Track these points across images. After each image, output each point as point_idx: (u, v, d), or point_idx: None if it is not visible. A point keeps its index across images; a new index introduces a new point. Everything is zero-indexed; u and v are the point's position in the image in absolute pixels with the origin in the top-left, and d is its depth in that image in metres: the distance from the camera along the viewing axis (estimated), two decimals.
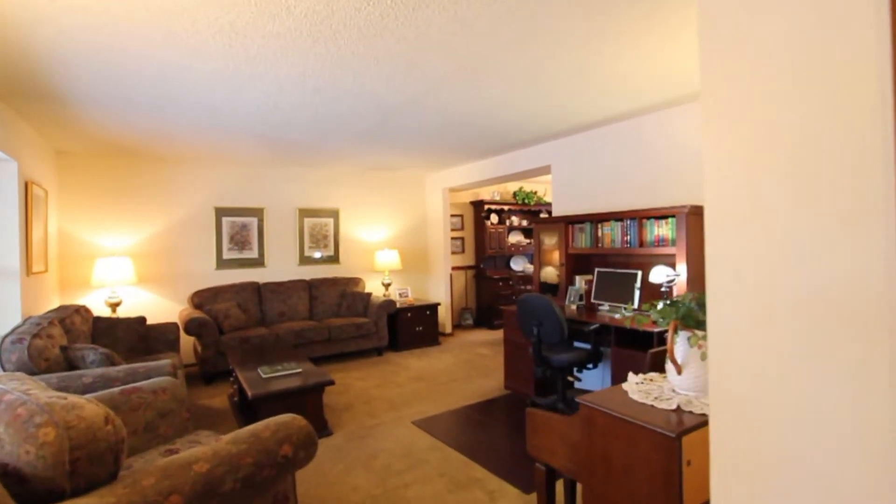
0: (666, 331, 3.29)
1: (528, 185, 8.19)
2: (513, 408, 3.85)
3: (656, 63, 2.74)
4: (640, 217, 3.66)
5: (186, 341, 5.11)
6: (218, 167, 5.48)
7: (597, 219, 3.99)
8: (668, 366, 1.47)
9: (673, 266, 3.42)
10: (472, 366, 5.14)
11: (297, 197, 6.02)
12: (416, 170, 6.61)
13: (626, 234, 3.79)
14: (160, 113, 3.45)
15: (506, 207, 7.71)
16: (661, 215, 3.53)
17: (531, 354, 3.59)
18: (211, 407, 4.00)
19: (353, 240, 6.46)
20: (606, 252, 3.96)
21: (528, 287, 7.61)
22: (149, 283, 5.07)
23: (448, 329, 6.83)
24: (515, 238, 8.02)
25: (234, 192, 5.59)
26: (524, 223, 8.02)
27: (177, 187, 5.25)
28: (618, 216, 3.81)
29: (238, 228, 5.60)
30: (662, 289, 3.34)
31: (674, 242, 3.44)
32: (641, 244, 3.67)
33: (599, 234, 4.02)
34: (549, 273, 4.67)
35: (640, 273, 3.64)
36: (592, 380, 4.16)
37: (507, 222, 7.74)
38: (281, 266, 5.89)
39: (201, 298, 5.08)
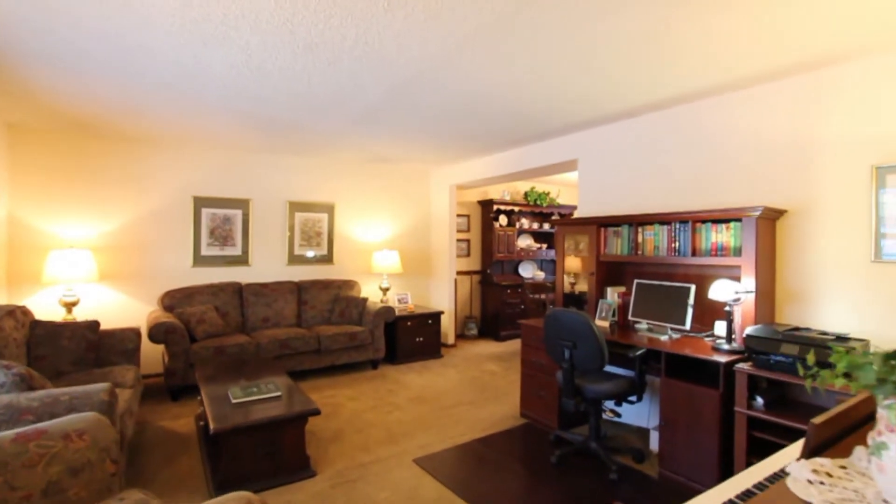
0: (742, 357, 2.73)
1: (540, 185, 7.60)
2: (533, 443, 3.23)
3: (767, 25, 2.14)
4: (693, 220, 3.06)
5: (155, 349, 4.47)
6: (198, 151, 4.85)
7: (637, 221, 3.39)
8: (881, 463, 0.86)
9: (736, 280, 2.82)
10: (481, 385, 4.52)
11: (288, 189, 5.39)
12: (421, 163, 6.00)
13: (675, 241, 3.18)
14: (118, 77, 2.82)
15: (516, 208, 7.11)
16: (720, 218, 2.92)
17: (559, 381, 2.98)
18: (173, 431, 3.36)
19: (349, 238, 5.83)
20: (647, 261, 3.35)
21: (542, 296, 7.02)
22: (113, 281, 4.43)
23: (451, 340, 6.20)
24: (525, 242, 7.42)
25: (216, 180, 4.95)
26: (535, 226, 7.42)
27: (150, 172, 4.61)
28: (664, 219, 3.21)
29: (219, 222, 4.96)
30: (726, 308, 2.73)
31: (737, 251, 2.84)
32: (694, 252, 3.06)
33: (640, 239, 3.41)
34: (565, 283, 4.07)
35: (693, 287, 3.04)
36: (634, 414, 3.55)
37: (517, 224, 7.14)
38: (267, 265, 5.26)
39: (173, 300, 4.43)
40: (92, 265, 4.08)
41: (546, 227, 7.49)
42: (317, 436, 3.28)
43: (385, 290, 5.68)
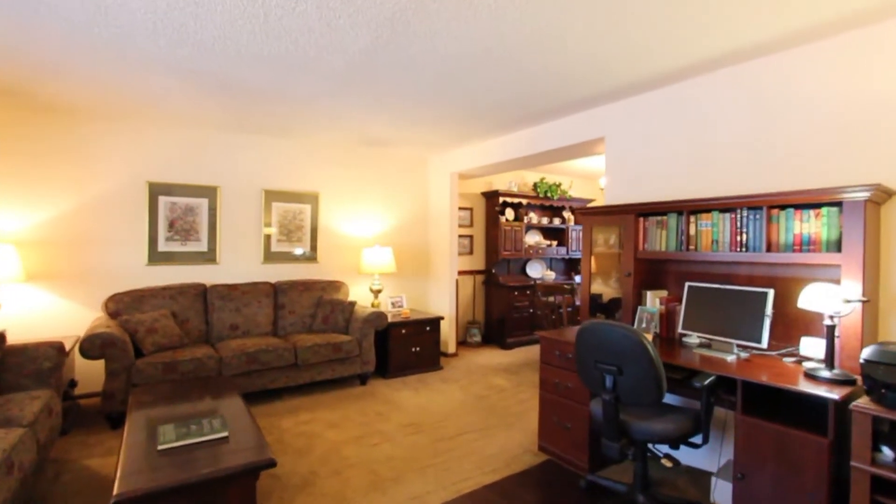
0: (853, 389, 1.69)
1: (550, 176, 6.90)
2: (560, 491, 2.52)
3: None
4: (768, 206, 2.36)
5: (98, 362, 3.75)
6: (154, 129, 4.11)
7: (690, 208, 2.68)
8: None
9: (830, 283, 2.12)
10: (487, 405, 3.81)
11: (264, 175, 4.67)
12: (418, 147, 5.28)
13: (741, 233, 2.48)
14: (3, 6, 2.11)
15: (524, 201, 6.39)
16: (808, 203, 2.22)
17: (595, 415, 2.28)
18: (99, 474, 2.64)
19: (335, 233, 5.11)
20: (701, 258, 2.64)
21: (554, 299, 6.23)
22: (47, 282, 3.70)
23: (451, 348, 5.49)
24: (533, 239, 6.71)
25: (177, 163, 4.23)
26: (544, 221, 6.71)
27: (94, 153, 3.88)
28: (727, 204, 2.50)
29: (181, 212, 4.24)
30: (828, 321, 2.03)
31: (832, 246, 2.14)
32: (770, 247, 2.36)
33: (692, 231, 2.71)
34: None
35: (771, 293, 2.33)
36: (697, 455, 2.84)
37: (525, 219, 6.42)
38: (239, 264, 4.54)
39: (119, 305, 3.71)
40: (16, 263, 3.36)
41: (556, 222, 6.79)
42: (281, 480, 2.57)
43: (377, 293, 4.97)
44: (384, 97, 3.38)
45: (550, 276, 6.70)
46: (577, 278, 6.04)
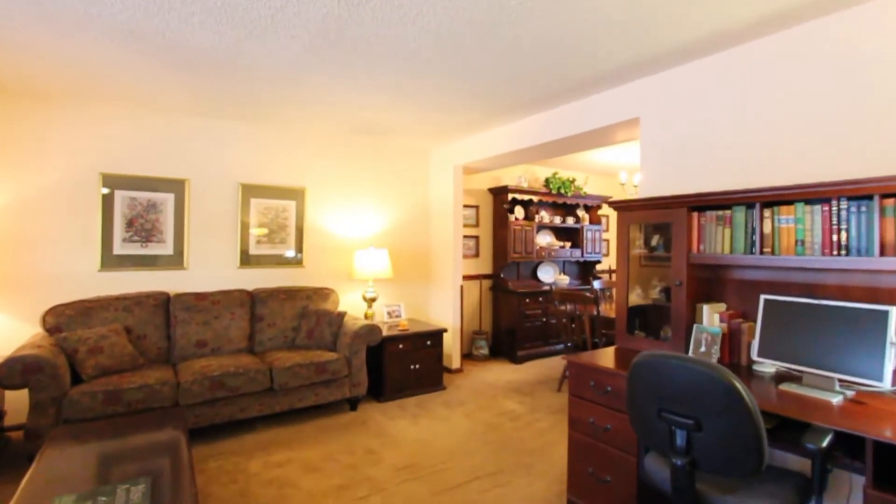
0: None
1: (563, 171, 6.31)
2: None
3: None
4: (879, 194, 1.75)
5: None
6: (108, 111, 3.52)
7: (764, 199, 2.07)
8: None
9: None
10: (500, 438, 3.20)
11: (242, 167, 4.08)
12: (418, 137, 4.69)
13: (839, 230, 1.87)
14: None
15: (535, 198, 5.77)
16: None
17: (652, 477, 1.67)
18: None
19: (323, 233, 4.51)
20: (772, 264, 2.03)
21: (569, 307, 5.40)
22: None
23: (455, 363, 4.89)
24: (545, 240, 6.10)
25: (137, 152, 3.64)
26: (556, 220, 6.10)
27: (35, 138, 3.29)
28: (817, 193, 1.90)
29: (141, 209, 3.65)
30: None
31: None
32: (884, 250, 1.75)
33: (767, 228, 2.10)
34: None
35: (893, 311, 1.72)
36: None
37: (536, 218, 5.81)
38: (211, 269, 3.94)
39: (61, 319, 3.12)
40: None
41: (570, 221, 6.17)
42: None
43: (371, 301, 4.36)
44: (374, 69, 2.78)
45: (564, 280, 6.09)
46: (596, 283, 5.41)
